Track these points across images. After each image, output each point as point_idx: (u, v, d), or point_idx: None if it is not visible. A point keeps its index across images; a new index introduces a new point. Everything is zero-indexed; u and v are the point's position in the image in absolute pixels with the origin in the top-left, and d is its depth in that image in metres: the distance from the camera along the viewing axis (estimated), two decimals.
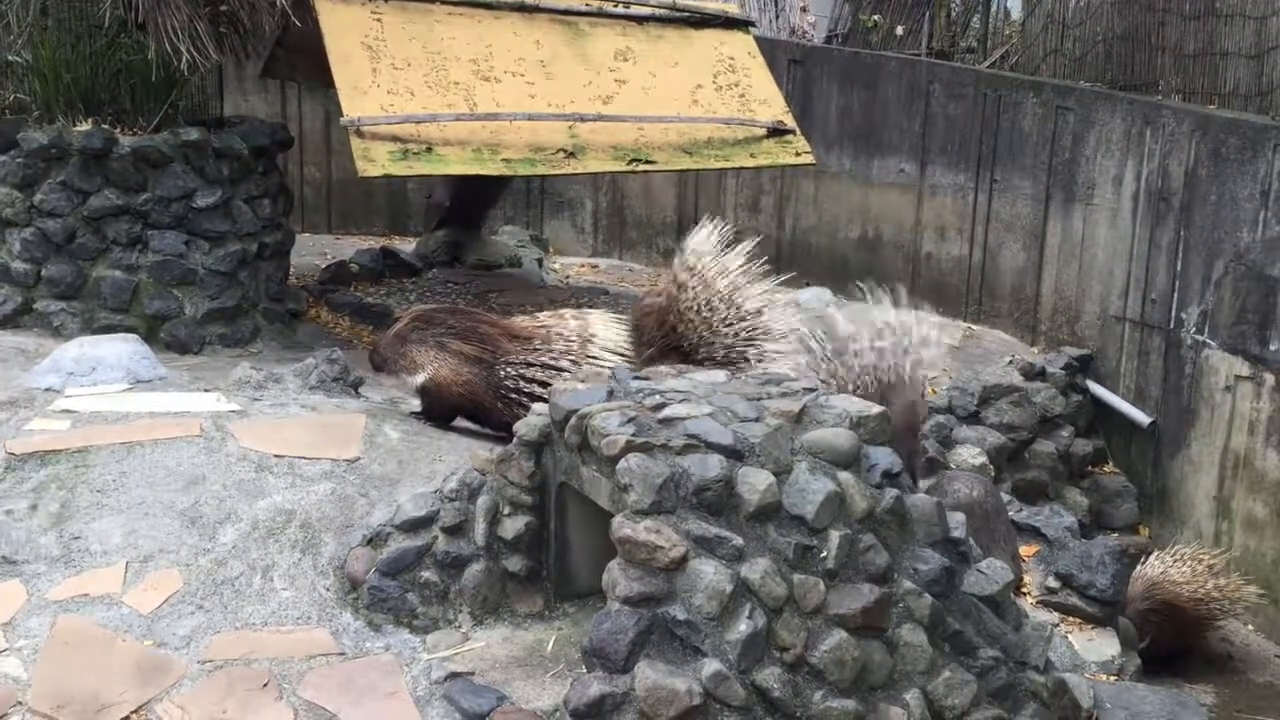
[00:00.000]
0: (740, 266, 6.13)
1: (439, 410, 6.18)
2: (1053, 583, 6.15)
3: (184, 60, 7.05)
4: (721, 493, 4.42)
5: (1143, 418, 8.02)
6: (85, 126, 7.30)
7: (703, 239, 6.19)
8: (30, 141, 7.18)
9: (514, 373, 5.99)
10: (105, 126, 7.35)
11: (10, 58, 7.55)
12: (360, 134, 6.86)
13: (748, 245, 6.17)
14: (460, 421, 6.27)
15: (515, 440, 5.08)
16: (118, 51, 7.44)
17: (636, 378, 5.12)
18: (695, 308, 6.10)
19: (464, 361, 6.06)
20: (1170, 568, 6.68)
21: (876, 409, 4.89)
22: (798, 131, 8.11)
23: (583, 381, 5.16)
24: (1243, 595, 6.87)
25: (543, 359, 5.99)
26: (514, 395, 5.96)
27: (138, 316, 7.29)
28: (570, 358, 5.97)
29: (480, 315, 6.43)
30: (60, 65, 7.38)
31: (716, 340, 6.11)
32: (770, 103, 8.10)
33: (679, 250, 6.29)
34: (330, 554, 5.21)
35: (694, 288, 6.10)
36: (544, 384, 5.73)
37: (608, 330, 6.13)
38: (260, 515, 5.30)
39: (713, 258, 6.15)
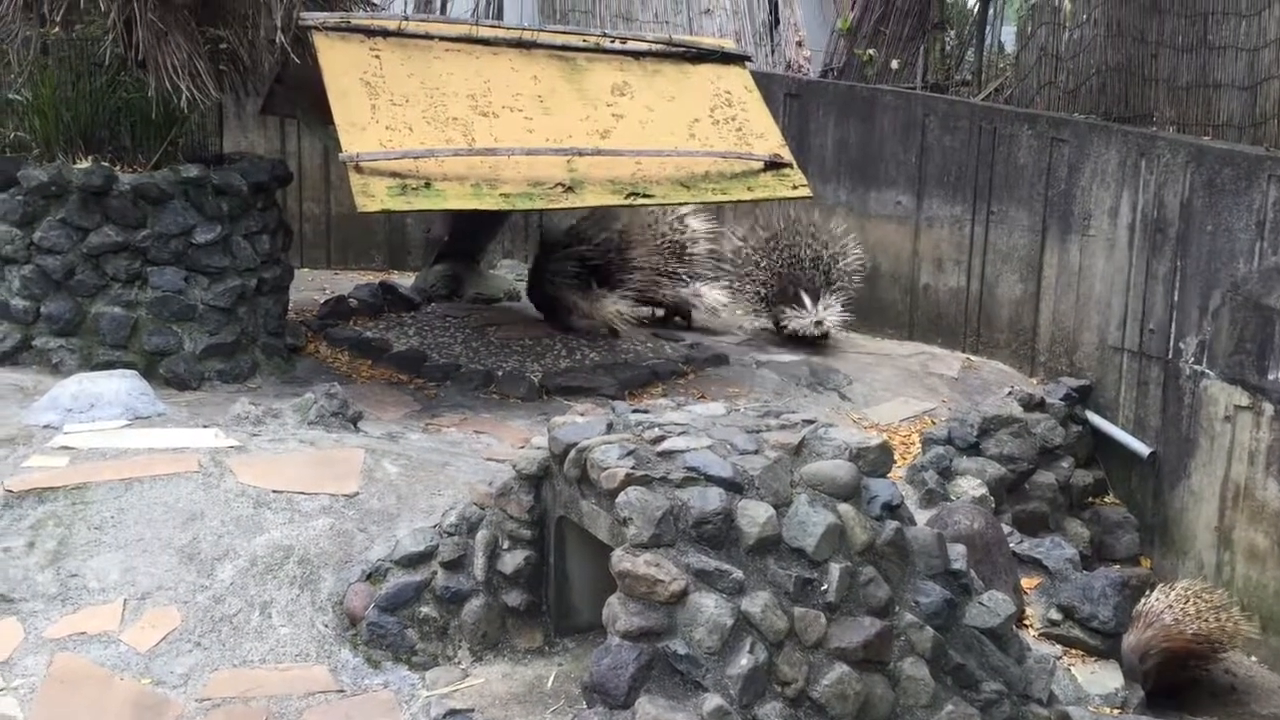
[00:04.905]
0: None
1: None
2: (1055, 615, 6.12)
3: (184, 98, 7.09)
4: (721, 526, 4.41)
5: (1142, 448, 8.01)
6: (85, 164, 7.32)
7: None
8: (30, 179, 7.20)
9: None
10: (105, 164, 7.38)
11: (11, 96, 7.58)
12: (359, 169, 6.88)
13: None
14: (457, 456, 6.27)
15: (514, 474, 5.07)
16: (118, 89, 7.47)
17: (636, 411, 5.11)
18: None
19: None
20: (1173, 604, 6.62)
21: (876, 440, 4.89)
22: (794, 164, 8.12)
23: (581, 415, 5.16)
24: (1243, 632, 6.82)
25: None
26: None
27: (136, 353, 7.29)
28: None
29: None
30: (60, 103, 7.42)
31: None
32: (767, 136, 8.13)
33: None
34: (329, 590, 5.18)
35: None
36: None
37: None
38: (258, 551, 5.29)
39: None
